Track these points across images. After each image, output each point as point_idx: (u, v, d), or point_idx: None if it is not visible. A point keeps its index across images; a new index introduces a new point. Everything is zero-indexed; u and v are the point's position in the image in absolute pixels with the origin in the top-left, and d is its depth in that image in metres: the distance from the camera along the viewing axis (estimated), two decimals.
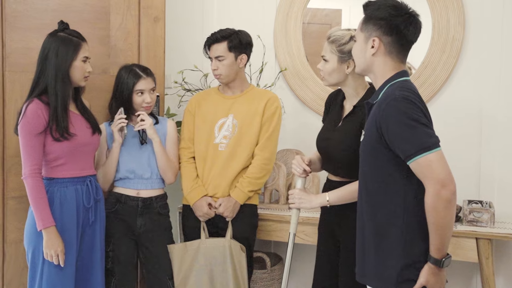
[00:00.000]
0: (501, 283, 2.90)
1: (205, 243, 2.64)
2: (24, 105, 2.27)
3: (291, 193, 2.30)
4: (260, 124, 2.66)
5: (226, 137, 2.68)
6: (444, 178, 1.62)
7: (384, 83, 1.80)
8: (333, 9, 3.28)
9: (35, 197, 2.23)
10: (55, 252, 2.24)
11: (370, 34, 1.79)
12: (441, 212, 1.63)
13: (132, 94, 2.56)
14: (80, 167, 2.37)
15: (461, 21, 2.89)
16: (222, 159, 2.67)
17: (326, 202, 2.21)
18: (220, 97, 2.76)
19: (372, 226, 1.78)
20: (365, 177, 1.82)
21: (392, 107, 1.67)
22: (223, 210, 2.63)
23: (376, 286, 1.80)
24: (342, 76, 2.24)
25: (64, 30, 2.33)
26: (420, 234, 1.72)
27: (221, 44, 2.62)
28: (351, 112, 2.26)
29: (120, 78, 2.59)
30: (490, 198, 2.87)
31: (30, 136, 2.23)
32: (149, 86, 2.58)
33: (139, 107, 2.58)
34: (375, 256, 1.78)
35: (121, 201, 2.59)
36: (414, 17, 1.79)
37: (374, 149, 1.76)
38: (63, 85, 2.27)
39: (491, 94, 2.88)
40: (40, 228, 2.23)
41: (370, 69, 1.84)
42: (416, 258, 1.72)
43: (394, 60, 1.80)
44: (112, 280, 2.57)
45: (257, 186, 2.68)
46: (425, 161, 1.63)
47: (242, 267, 2.62)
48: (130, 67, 2.60)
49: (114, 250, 2.57)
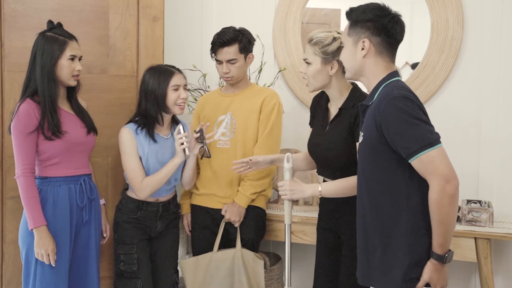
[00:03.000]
0: (500, 283, 2.90)
1: (217, 255, 2.64)
2: (17, 105, 2.28)
3: (281, 185, 2.27)
4: (257, 121, 2.66)
5: (224, 135, 2.68)
6: (448, 173, 1.64)
7: (378, 83, 1.82)
8: (332, 9, 3.28)
9: (26, 196, 2.24)
10: (46, 252, 2.24)
11: (359, 36, 1.82)
12: (445, 207, 1.66)
13: (167, 92, 2.48)
14: (74, 167, 2.37)
15: (460, 21, 2.89)
16: (222, 156, 2.67)
17: (318, 193, 2.21)
18: (220, 95, 2.77)
19: (376, 226, 1.79)
20: (366, 178, 1.82)
21: (392, 106, 1.68)
22: (229, 216, 2.64)
23: (382, 287, 1.80)
24: (326, 78, 2.24)
25: (52, 30, 2.32)
26: (424, 233, 1.73)
27: (232, 47, 2.59)
28: (337, 115, 2.27)
29: (150, 79, 2.49)
30: (489, 198, 2.87)
31: (22, 135, 2.23)
32: (183, 81, 2.53)
33: (173, 104, 2.49)
34: (380, 257, 1.78)
35: (142, 208, 2.58)
36: (398, 17, 1.84)
37: (375, 150, 1.77)
38: (49, 84, 2.27)
39: (490, 93, 2.88)
40: (31, 227, 2.23)
41: (361, 72, 1.87)
42: (421, 256, 1.73)
43: (385, 60, 1.83)
44: (138, 282, 2.55)
45: (259, 187, 2.67)
46: (428, 158, 1.64)
47: (257, 275, 2.62)
48: (158, 67, 2.54)
49: (138, 251, 2.56)
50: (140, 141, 2.51)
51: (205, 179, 2.73)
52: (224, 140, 2.68)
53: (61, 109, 2.34)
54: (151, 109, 2.49)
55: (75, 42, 2.34)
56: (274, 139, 2.68)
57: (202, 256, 2.66)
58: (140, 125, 2.52)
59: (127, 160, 2.51)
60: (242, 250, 2.63)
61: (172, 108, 2.50)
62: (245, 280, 2.60)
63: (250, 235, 2.69)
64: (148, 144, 2.52)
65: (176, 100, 2.49)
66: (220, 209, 2.68)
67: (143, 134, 2.52)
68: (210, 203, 2.73)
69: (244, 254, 2.62)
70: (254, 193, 2.66)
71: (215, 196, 2.70)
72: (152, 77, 2.49)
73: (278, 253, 3.17)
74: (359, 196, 1.87)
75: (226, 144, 2.67)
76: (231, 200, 2.67)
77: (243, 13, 3.32)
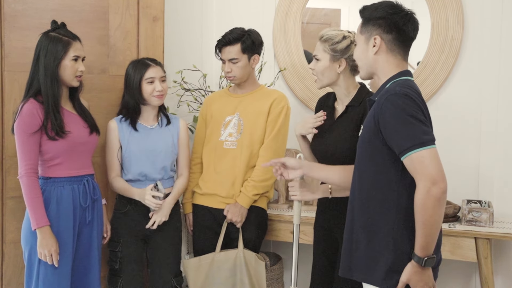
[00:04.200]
0: (500, 283, 2.90)
1: (219, 256, 2.65)
2: (20, 105, 2.28)
3: (291, 185, 2.26)
4: (265, 123, 2.65)
5: (231, 135, 2.68)
6: (435, 175, 1.62)
7: (387, 80, 1.82)
8: (332, 9, 3.28)
9: (29, 197, 2.24)
10: (49, 252, 2.24)
11: (371, 34, 1.83)
12: (429, 210, 1.63)
13: (141, 85, 2.54)
14: (77, 167, 2.37)
15: (460, 21, 2.89)
16: (227, 157, 2.67)
17: (328, 193, 2.21)
18: (228, 96, 2.77)
19: (363, 220, 1.79)
20: (359, 172, 1.83)
21: (391, 102, 1.69)
22: (231, 216, 2.63)
23: (364, 280, 1.81)
24: (334, 75, 2.26)
25: (56, 30, 2.33)
26: (411, 231, 1.72)
27: (235, 46, 2.60)
28: (344, 112, 2.28)
29: (129, 71, 2.58)
30: (489, 197, 2.87)
31: (25, 135, 2.23)
32: (159, 74, 2.57)
33: (149, 96, 2.55)
34: (365, 251, 1.78)
35: (131, 202, 2.58)
36: (411, 15, 1.84)
37: (370, 144, 1.77)
38: (53, 84, 2.27)
39: (490, 93, 2.88)
40: (34, 227, 2.23)
41: (373, 70, 1.87)
42: (406, 254, 1.72)
43: (396, 57, 1.83)
44: (119, 280, 2.56)
45: (262, 189, 2.66)
46: (418, 157, 1.64)
47: (259, 275, 2.62)
48: (137, 60, 2.62)
49: (122, 250, 2.57)
50: (123, 129, 2.60)
51: (208, 179, 2.73)
52: (231, 141, 2.68)
53: (64, 109, 2.34)
54: (130, 101, 2.58)
55: (78, 42, 2.35)
56: (280, 142, 2.68)
57: (205, 257, 2.66)
58: (124, 115, 2.62)
59: (106, 152, 2.63)
60: (244, 251, 2.63)
61: (149, 99, 2.57)
62: (247, 281, 2.60)
63: (252, 235, 2.69)
64: (129, 132, 2.59)
65: (152, 92, 2.55)
66: (222, 209, 2.68)
67: (126, 123, 2.61)
68: (212, 203, 2.72)
69: (246, 255, 2.62)
70: (257, 194, 2.66)
71: (218, 196, 2.70)
72: (132, 70, 2.58)
73: (278, 253, 3.17)
74: (352, 189, 1.87)
75: (233, 145, 2.67)
76: (233, 201, 2.67)
77: (243, 13, 3.32)
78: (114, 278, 2.58)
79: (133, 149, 2.58)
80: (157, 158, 2.59)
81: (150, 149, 2.58)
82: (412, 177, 1.69)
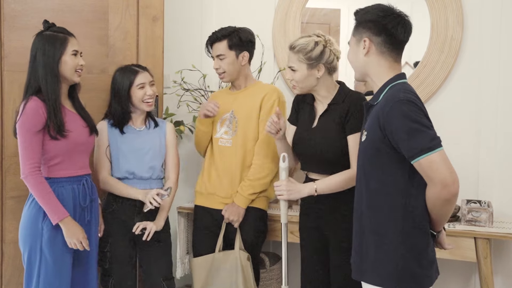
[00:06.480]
0: (499, 283, 2.90)
1: (219, 256, 2.67)
2: (22, 104, 2.26)
3: (277, 185, 2.28)
4: (257, 119, 2.65)
5: (227, 133, 2.69)
6: (445, 178, 1.65)
7: (384, 84, 1.83)
8: (332, 9, 3.29)
9: (41, 194, 2.23)
10: (78, 240, 2.26)
11: (361, 36, 1.85)
12: (440, 210, 1.74)
13: (131, 91, 2.55)
14: (77, 167, 2.37)
15: (459, 21, 2.89)
16: (224, 155, 2.67)
17: (314, 192, 2.23)
18: (227, 94, 2.78)
19: (373, 224, 1.80)
20: (367, 177, 1.83)
21: (397, 109, 1.70)
22: (228, 215, 2.64)
23: (375, 282, 1.81)
24: (314, 81, 2.28)
25: (49, 29, 2.32)
26: (420, 232, 1.75)
27: (222, 43, 2.63)
28: (326, 110, 2.30)
29: (117, 79, 2.58)
30: (488, 197, 2.87)
31: (29, 133, 2.22)
32: (148, 79, 2.59)
33: (139, 102, 2.56)
34: (374, 254, 1.80)
35: (117, 201, 2.59)
36: (403, 18, 1.85)
37: (377, 150, 1.78)
38: (53, 82, 2.27)
39: (490, 93, 2.88)
40: (56, 221, 2.23)
41: (366, 71, 1.88)
42: (415, 255, 1.75)
43: (387, 60, 1.84)
44: (109, 280, 2.57)
45: (259, 187, 2.65)
46: (426, 162, 1.66)
47: (249, 276, 2.63)
48: (123, 67, 2.62)
49: (111, 250, 2.57)
50: (112, 129, 2.60)
51: (208, 178, 2.73)
52: (226, 139, 2.68)
53: (64, 108, 2.34)
54: (117, 108, 2.58)
55: (74, 38, 2.35)
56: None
57: (206, 257, 2.68)
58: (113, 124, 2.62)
59: (95, 151, 2.61)
60: (239, 251, 2.63)
61: (139, 105, 2.58)
62: (241, 281, 2.61)
63: (249, 236, 2.68)
64: (118, 132, 2.60)
65: (143, 97, 2.56)
66: (221, 210, 2.68)
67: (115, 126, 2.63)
68: (211, 204, 2.73)
69: (241, 256, 2.63)
70: (253, 194, 2.65)
71: (217, 196, 2.70)
72: (120, 78, 2.57)
73: (278, 253, 3.17)
74: (359, 195, 1.88)
75: (228, 143, 2.67)
76: (231, 201, 2.67)
77: (243, 13, 3.32)
78: (105, 278, 2.59)
79: (121, 147, 2.59)
80: (145, 156, 2.60)
81: (138, 148, 2.60)
82: (419, 180, 1.73)
